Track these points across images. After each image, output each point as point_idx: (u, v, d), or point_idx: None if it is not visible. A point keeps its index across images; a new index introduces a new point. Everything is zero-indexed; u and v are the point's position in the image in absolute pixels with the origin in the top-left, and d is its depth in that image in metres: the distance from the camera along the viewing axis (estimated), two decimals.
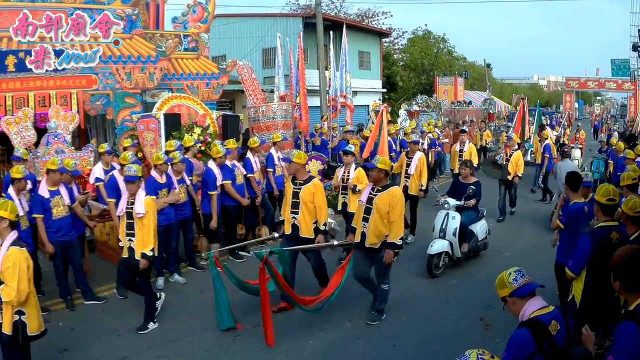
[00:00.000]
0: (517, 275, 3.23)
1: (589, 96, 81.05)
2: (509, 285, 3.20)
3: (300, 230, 6.65)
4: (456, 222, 8.12)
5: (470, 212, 8.51)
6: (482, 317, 6.53)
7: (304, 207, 6.54)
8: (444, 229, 8.11)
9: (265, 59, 26.29)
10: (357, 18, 36.35)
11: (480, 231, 8.72)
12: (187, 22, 13.22)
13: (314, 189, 6.57)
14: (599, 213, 4.66)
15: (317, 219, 6.66)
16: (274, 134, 10.84)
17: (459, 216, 8.19)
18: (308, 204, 6.52)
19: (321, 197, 6.60)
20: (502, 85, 59.55)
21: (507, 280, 3.22)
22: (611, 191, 4.61)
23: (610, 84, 45.29)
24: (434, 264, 7.92)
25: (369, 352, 5.76)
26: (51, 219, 6.76)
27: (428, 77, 37.94)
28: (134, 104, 11.55)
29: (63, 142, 9.96)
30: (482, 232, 8.79)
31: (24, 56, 10.48)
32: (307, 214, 6.58)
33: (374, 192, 6.16)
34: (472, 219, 8.56)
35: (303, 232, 6.63)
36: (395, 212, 5.98)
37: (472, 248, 8.52)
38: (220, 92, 13.48)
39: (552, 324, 3.06)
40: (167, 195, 7.72)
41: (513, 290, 3.18)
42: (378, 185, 6.19)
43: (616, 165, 12.04)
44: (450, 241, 8.04)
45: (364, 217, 6.18)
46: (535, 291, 3.23)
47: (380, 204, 6.01)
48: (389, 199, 6.00)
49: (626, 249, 3.22)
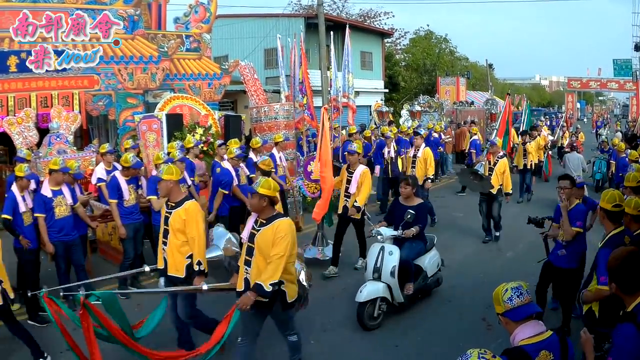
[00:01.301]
0: (514, 294, 2.91)
1: (591, 96, 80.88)
2: (502, 304, 2.92)
3: (168, 266, 5.22)
4: (394, 258, 6.36)
5: (414, 242, 6.74)
6: (483, 317, 6.53)
7: (172, 236, 5.11)
8: (379, 268, 6.35)
9: (268, 60, 26.31)
10: (359, 18, 36.34)
11: (430, 265, 7.06)
12: (189, 22, 13.23)
13: (185, 214, 5.07)
14: (606, 220, 4.58)
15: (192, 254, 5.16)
16: (276, 134, 10.86)
17: (398, 250, 6.44)
18: (177, 233, 5.09)
19: (195, 225, 5.08)
20: (504, 85, 59.38)
21: (502, 298, 2.93)
22: (617, 197, 4.53)
23: (612, 84, 45.09)
24: (366, 313, 6.19)
25: (371, 352, 5.77)
26: (53, 218, 6.78)
27: (430, 77, 37.89)
28: (136, 104, 11.57)
29: (65, 143, 9.99)
30: (433, 266, 7.11)
31: (25, 56, 10.51)
32: (175, 246, 5.13)
33: (257, 226, 4.64)
34: (417, 251, 6.82)
35: (170, 269, 5.18)
36: (276, 251, 4.44)
37: (420, 287, 6.84)
38: (223, 93, 13.51)
39: (542, 354, 2.80)
40: None
41: (506, 311, 2.92)
42: (261, 217, 4.65)
43: (618, 165, 12.05)
44: (388, 283, 6.33)
45: (246, 259, 4.67)
46: (534, 314, 2.94)
47: (263, 243, 4.51)
48: (273, 236, 4.47)
49: (621, 250, 3.21)
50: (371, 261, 6.46)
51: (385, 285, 6.28)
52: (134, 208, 7.59)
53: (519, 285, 2.94)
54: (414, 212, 6.58)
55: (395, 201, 7.25)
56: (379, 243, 6.55)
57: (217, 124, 11.53)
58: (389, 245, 6.48)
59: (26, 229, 6.69)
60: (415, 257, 6.76)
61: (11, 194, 6.69)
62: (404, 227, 6.58)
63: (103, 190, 8.64)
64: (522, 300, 2.89)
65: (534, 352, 2.79)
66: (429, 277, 7.03)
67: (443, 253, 9.12)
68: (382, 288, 6.27)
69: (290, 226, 4.58)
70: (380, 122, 19.40)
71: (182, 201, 5.16)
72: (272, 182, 4.66)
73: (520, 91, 53.66)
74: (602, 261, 4.29)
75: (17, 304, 6.75)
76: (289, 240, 4.49)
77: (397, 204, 7.08)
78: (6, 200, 6.72)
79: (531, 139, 14.64)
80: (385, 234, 6.60)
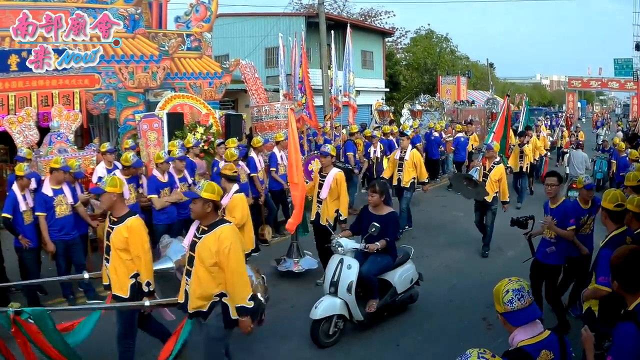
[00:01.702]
0: (514, 296, 2.81)
1: (592, 96, 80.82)
2: (502, 305, 2.85)
3: (112, 285, 4.88)
4: (352, 273, 5.80)
5: (379, 256, 6.06)
6: (484, 316, 6.53)
7: (114, 254, 4.77)
8: (336, 283, 5.81)
9: (268, 58, 26.32)
10: (360, 17, 36.33)
11: (401, 281, 6.38)
12: (190, 21, 13.22)
13: (128, 232, 4.69)
14: (608, 221, 4.58)
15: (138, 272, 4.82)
16: (276, 133, 10.86)
17: (357, 265, 5.88)
18: (119, 251, 4.75)
19: (140, 242, 4.73)
20: (505, 84, 59.33)
21: (502, 299, 2.85)
22: (619, 197, 4.54)
23: (613, 84, 45.12)
24: (321, 331, 5.71)
25: (372, 351, 5.77)
26: (54, 217, 6.79)
27: (431, 76, 37.88)
28: (136, 103, 11.57)
29: (66, 142, 9.98)
30: (404, 282, 6.43)
31: (26, 55, 10.51)
32: (119, 264, 4.78)
33: (199, 233, 4.29)
34: (382, 266, 6.13)
35: (114, 288, 4.85)
36: (231, 262, 4.10)
37: (387, 304, 6.24)
38: (223, 92, 13.49)
39: (543, 354, 2.79)
40: (169, 194, 7.77)
41: (505, 312, 2.86)
42: (204, 223, 4.29)
43: (619, 164, 12.05)
44: (345, 300, 5.81)
45: (187, 269, 4.35)
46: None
47: (204, 252, 4.15)
48: (216, 245, 4.11)
49: (624, 248, 3.22)
50: (329, 274, 5.95)
51: (342, 302, 5.77)
52: (134, 207, 7.59)
53: (520, 286, 2.85)
54: (378, 226, 5.88)
55: (364, 209, 6.48)
56: (339, 255, 6.00)
57: (218, 123, 11.54)
58: (348, 258, 5.92)
59: (26, 228, 6.71)
60: (379, 273, 6.12)
61: (12, 192, 6.73)
62: (368, 241, 6.00)
63: None
64: (522, 303, 2.81)
65: (534, 353, 2.77)
66: (399, 293, 6.36)
67: (443, 253, 9.21)
68: (339, 305, 5.75)
69: (234, 231, 4.27)
70: (381, 121, 19.39)
71: (124, 217, 4.79)
72: (216, 186, 4.33)
73: (521, 90, 53.53)
74: (602, 261, 4.30)
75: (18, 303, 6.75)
76: (238, 246, 4.19)
77: (365, 212, 6.38)
78: (7, 199, 6.74)
79: (528, 137, 14.06)
80: (346, 246, 6.00)
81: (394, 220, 6.25)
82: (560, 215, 5.99)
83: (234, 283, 4.15)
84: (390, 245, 6.12)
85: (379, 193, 6.18)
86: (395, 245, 6.31)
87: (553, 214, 6.07)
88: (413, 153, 10.26)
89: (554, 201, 6.13)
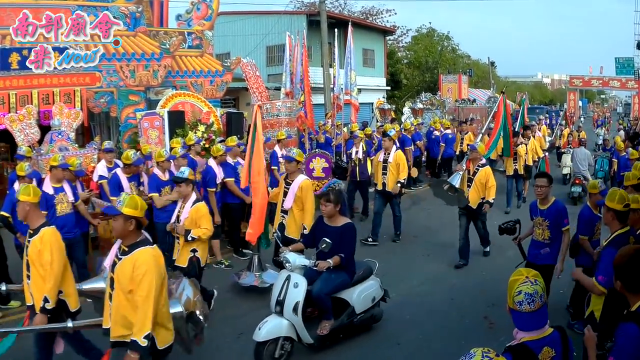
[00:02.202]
0: (525, 299, 2.77)
1: (593, 94, 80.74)
2: (512, 301, 2.83)
3: (35, 302, 4.39)
4: (299, 292, 5.27)
5: (333, 273, 5.49)
6: (485, 315, 6.53)
7: (33, 269, 4.37)
8: (282, 302, 5.28)
9: (270, 57, 26.31)
10: (361, 16, 36.32)
11: (360, 300, 5.79)
12: (191, 19, 13.21)
13: (41, 244, 4.29)
14: (615, 221, 4.57)
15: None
16: (278, 131, 10.86)
17: (305, 283, 5.32)
18: (36, 266, 4.34)
19: (48, 253, 4.28)
20: (506, 83, 59.28)
21: (514, 298, 2.81)
22: (625, 197, 4.55)
23: (614, 83, 45.06)
24: (266, 353, 5.18)
25: (373, 350, 5.77)
26: (55, 215, 6.78)
27: (432, 74, 37.86)
28: (137, 101, 11.55)
29: (67, 140, 9.97)
30: (365, 301, 5.85)
31: (27, 54, 10.51)
32: (35, 280, 4.37)
33: (120, 254, 3.91)
34: (336, 284, 5.55)
35: (37, 306, 4.36)
36: (139, 292, 3.69)
37: (344, 325, 5.68)
38: (224, 90, 13.48)
39: (545, 350, 2.79)
40: (170, 193, 7.75)
41: (513, 310, 2.85)
42: (125, 243, 3.90)
43: (620, 164, 12.04)
44: (291, 321, 5.28)
45: (109, 292, 3.98)
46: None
47: (122, 275, 3.79)
48: (131, 270, 3.73)
49: (628, 248, 3.22)
50: (275, 292, 5.40)
51: (289, 323, 5.25)
52: None
53: (534, 291, 2.78)
54: (329, 242, 5.32)
55: (318, 220, 5.89)
56: (286, 271, 5.46)
57: (219, 121, 11.54)
58: (296, 276, 5.35)
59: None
60: (333, 291, 5.56)
61: (12, 191, 6.72)
62: (319, 257, 5.47)
63: (104, 188, 8.65)
64: (532, 307, 2.77)
65: (537, 349, 2.79)
66: (358, 314, 5.78)
67: (444, 252, 9.18)
68: (286, 326, 5.23)
69: (153, 257, 3.78)
70: (383, 119, 19.38)
71: (39, 228, 4.38)
72: (139, 200, 3.87)
73: (522, 89, 53.54)
74: (604, 260, 4.29)
75: (18, 302, 6.74)
76: (152, 275, 3.69)
77: (319, 224, 5.82)
78: (6, 198, 6.73)
79: (526, 139, 12.93)
80: (293, 262, 5.40)
81: (351, 233, 5.63)
82: (554, 216, 5.97)
83: (136, 313, 3.70)
84: (346, 262, 5.54)
85: (334, 202, 5.61)
86: (353, 261, 5.73)
87: (544, 215, 6.05)
88: (397, 154, 9.80)
89: (544, 202, 6.09)
